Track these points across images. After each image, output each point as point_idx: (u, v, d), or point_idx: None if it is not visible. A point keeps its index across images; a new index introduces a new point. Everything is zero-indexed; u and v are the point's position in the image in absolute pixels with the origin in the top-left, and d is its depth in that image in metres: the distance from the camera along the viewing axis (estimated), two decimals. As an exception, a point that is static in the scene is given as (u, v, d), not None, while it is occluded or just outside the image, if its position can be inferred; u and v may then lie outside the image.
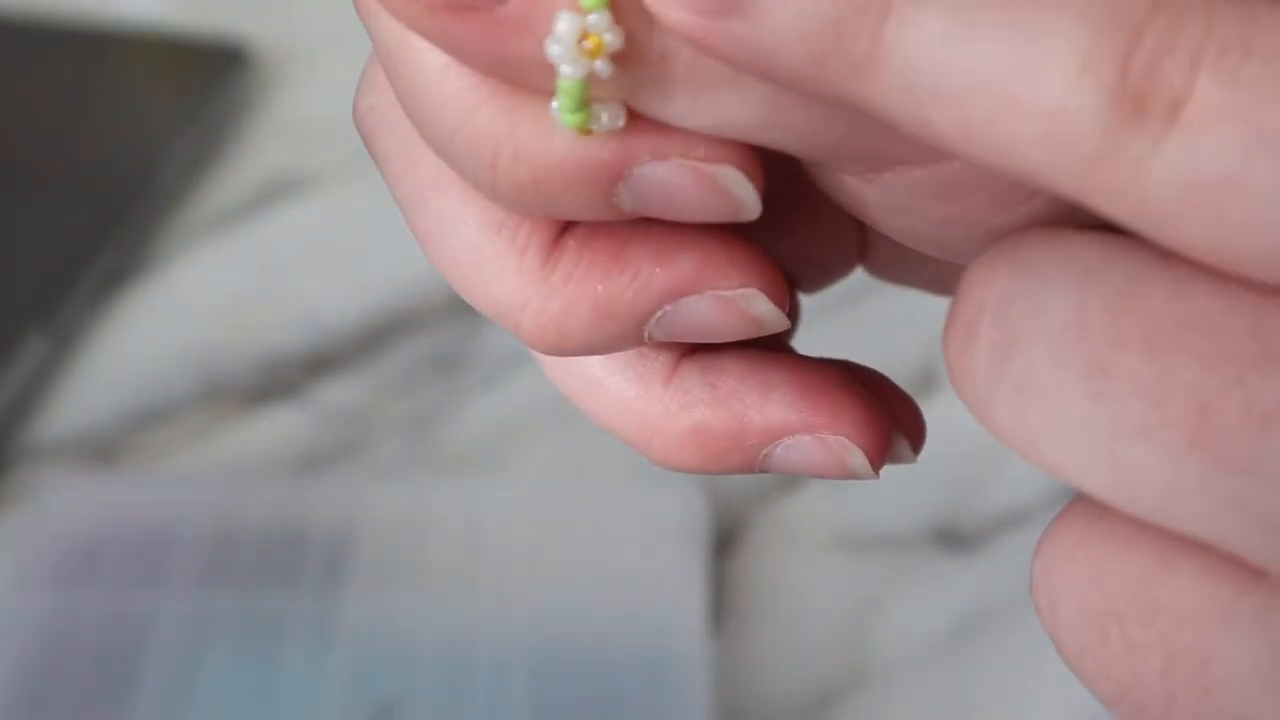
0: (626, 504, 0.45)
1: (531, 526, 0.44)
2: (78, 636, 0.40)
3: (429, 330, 0.52)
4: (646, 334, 0.21)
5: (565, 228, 0.21)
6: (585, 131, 0.19)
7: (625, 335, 0.22)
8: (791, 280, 0.24)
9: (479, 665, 0.40)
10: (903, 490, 0.48)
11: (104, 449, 0.48)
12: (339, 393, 0.50)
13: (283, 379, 0.51)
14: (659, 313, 0.21)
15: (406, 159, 0.22)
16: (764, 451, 0.23)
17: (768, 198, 0.20)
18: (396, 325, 0.52)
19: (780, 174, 0.21)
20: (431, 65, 0.20)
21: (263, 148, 0.59)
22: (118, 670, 0.40)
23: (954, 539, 0.46)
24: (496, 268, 0.21)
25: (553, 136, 0.19)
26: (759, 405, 0.23)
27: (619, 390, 0.23)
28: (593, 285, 0.21)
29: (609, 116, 0.19)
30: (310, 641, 0.41)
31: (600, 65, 0.18)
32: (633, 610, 0.42)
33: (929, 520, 0.46)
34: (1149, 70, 0.16)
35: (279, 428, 0.49)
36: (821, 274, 0.26)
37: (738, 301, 0.21)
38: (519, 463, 0.48)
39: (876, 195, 0.21)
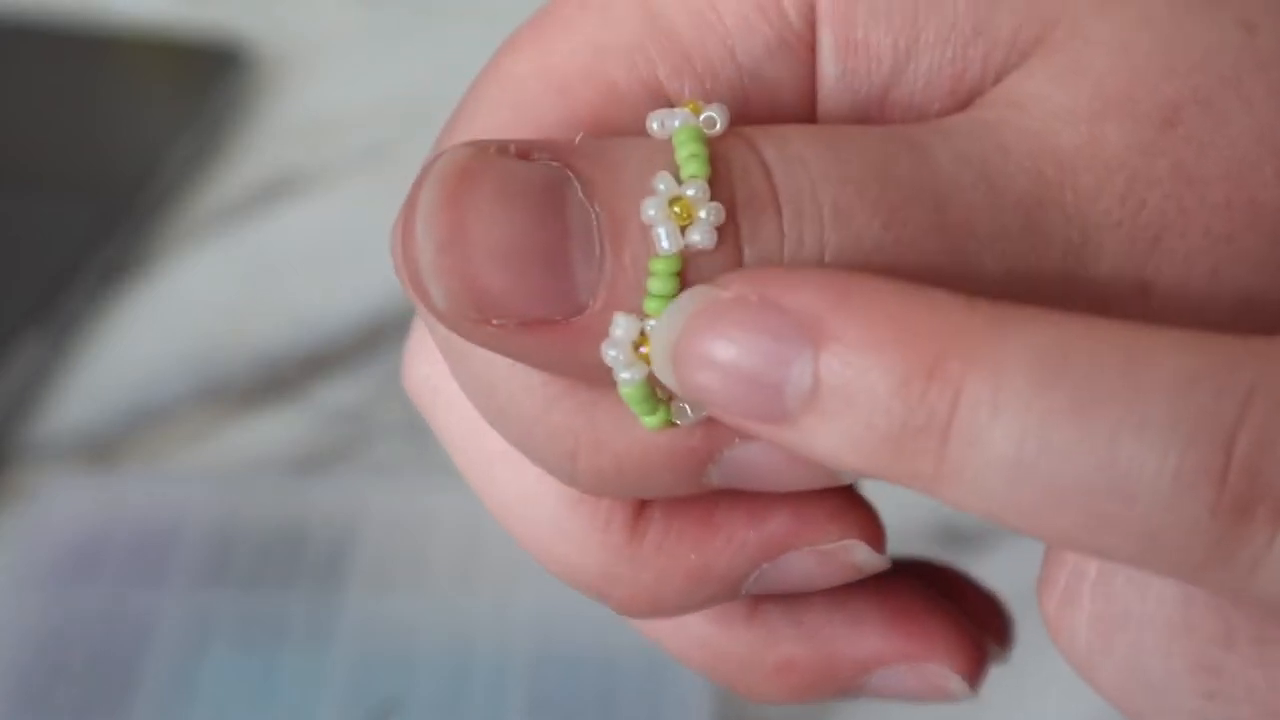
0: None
1: (531, 526, 0.44)
2: (77, 636, 0.40)
3: (429, 330, 0.52)
4: (744, 591, 0.20)
5: None
6: (669, 426, 0.18)
7: (721, 596, 0.20)
8: None
9: (479, 665, 0.40)
10: (903, 490, 0.48)
11: (103, 449, 0.48)
12: (339, 393, 0.50)
13: (282, 379, 0.51)
14: (756, 572, 0.20)
15: (469, 433, 0.21)
16: (857, 681, 0.22)
17: None
18: (396, 325, 0.52)
19: None
20: (499, 362, 0.19)
21: (261, 147, 0.59)
22: (117, 670, 0.40)
23: (954, 538, 0.46)
24: (580, 543, 0.20)
25: (635, 427, 0.18)
26: (849, 637, 0.22)
27: (698, 630, 0.22)
28: (684, 554, 0.20)
29: (693, 409, 0.18)
30: (310, 641, 0.41)
31: None
32: (633, 610, 0.42)
33: (929, 519, 0.46)
34: (1249, 477, 0.15)
35: (278, 428, 0.49)
36: None
37: (838, 554, 0.20)
38: (519, 463, 0.48)
39: None
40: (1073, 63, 0.18)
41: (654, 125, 0.18)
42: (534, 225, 0.17)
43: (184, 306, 0.53)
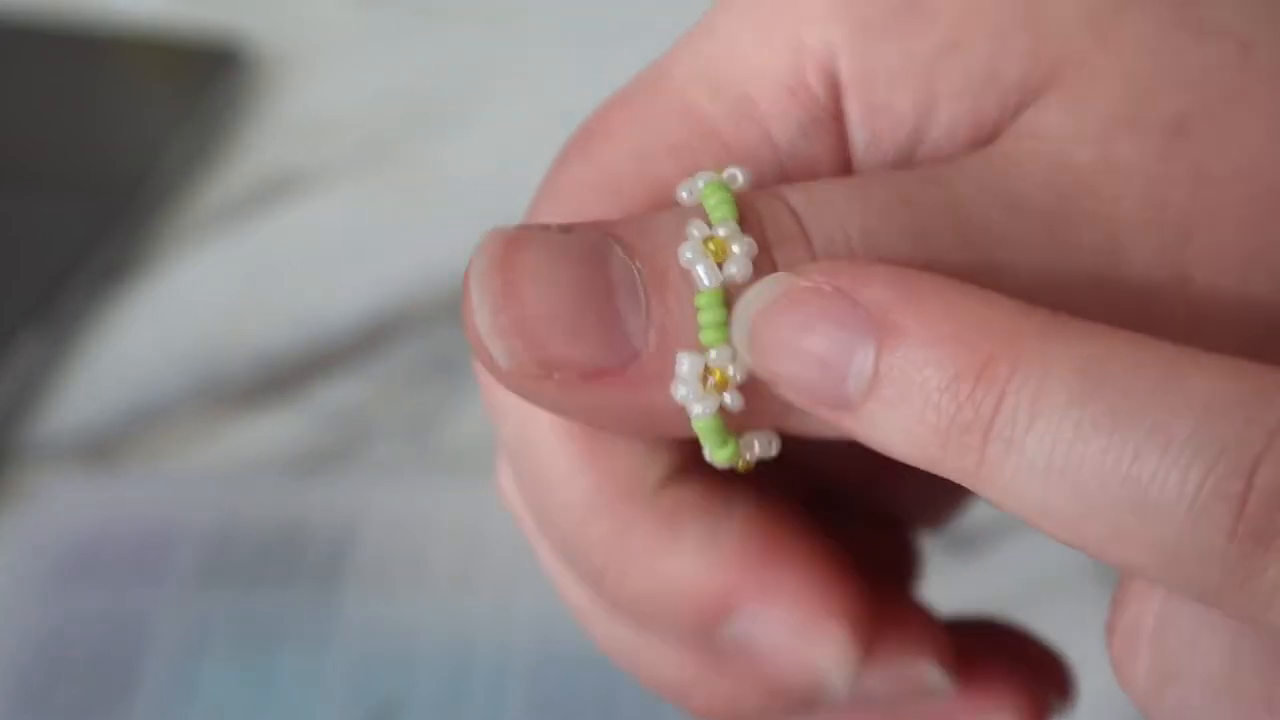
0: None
1: (531, 526, 0.44)
2: (76, 636, 0.40)
3: (429, 330, 0.52)
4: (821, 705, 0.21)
5: None
6: (741, 463, 0.19)
7: (797, 710, 0.21)
8: (915, 523, 0.25)
9: (479, 665, 0.40)
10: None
11: (102, 449, 0.48)
12: (339, 393, 0.50)
13: (282, 379, 0.51)
14: None
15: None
16: None
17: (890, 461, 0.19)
18: (396, 325, 0.52)
19: None
20: (557, 471, 0.20)
21: (260, 146, 0.59)
22: (116, 670, 0.40)
23: (955, 540, 0.46)
24: (657, 650, 0.22)
25: (661, 564, 0.20)
26: None
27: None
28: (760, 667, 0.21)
29: (760, 445, 0.19)
30: (309, 642, 0.41)
31: (729, 397, 0.18)
32: (633, 610, 0.42)
33: (930, 520, 0.46)
34: (1269, 509, 0.15)
35: (278, 428, 0.49)
36: (946, 511, 0.27)
37: (911, 675, 0.21)
38: (519, 463, 0.48)
39: None
40: (1081, 93, 0.19)
41: (683, 194, 0.19)
42: (581, 279, 0.18)
43: (184, 306, 0.53)
